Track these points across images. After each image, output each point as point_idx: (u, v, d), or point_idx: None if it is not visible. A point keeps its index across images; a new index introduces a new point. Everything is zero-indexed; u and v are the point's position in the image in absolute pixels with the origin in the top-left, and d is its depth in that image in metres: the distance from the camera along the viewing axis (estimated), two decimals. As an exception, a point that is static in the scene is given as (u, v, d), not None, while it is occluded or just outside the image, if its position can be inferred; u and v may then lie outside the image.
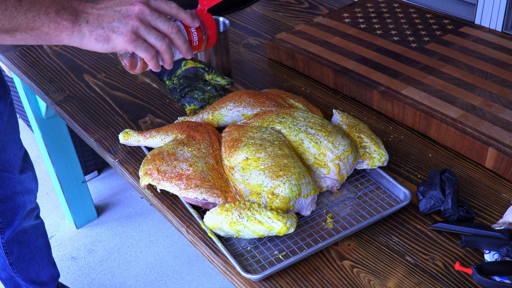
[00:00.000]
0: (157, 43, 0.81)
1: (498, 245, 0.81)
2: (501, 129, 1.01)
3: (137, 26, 0.79)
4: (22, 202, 1.43)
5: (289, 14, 1.63)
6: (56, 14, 0.76)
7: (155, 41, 0.81)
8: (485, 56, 1.25)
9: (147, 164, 0.94)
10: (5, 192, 1.38)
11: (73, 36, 0.78)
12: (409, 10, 1.49)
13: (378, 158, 0.96)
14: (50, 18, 0.76)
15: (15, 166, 1.38)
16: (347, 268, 0.83)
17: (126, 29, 0.79)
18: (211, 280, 1.90)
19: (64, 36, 0.78)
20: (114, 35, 0.79)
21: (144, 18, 0.80)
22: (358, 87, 1.19)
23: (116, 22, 0.79)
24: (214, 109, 1.09)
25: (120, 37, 0.79)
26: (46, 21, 0.76)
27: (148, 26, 0.80)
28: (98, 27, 0.78)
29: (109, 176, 2.39)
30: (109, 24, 0.79)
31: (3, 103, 1.30)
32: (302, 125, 0.97)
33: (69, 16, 0.77)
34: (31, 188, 1.46)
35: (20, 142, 1.42)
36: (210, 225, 0.86)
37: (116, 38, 0.79)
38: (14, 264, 1.50)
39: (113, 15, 0.79)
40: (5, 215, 1.41)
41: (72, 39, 0.79)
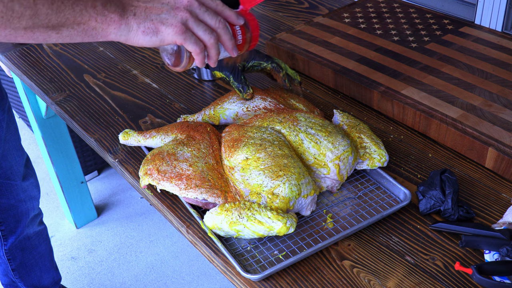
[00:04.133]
0: (206, 36, 0.79)
1: (498, 245, 0.81)
2: (501, 129, 1.01)
3: (186, 18, 0.77)
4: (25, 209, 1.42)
5: (289, 14, 1.63)
6: (103, 7, 0.74)
7: (203, 35, 0.79)
8: (485, 56, 1.25)
9: (147, 164, 0.94)
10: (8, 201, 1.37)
11: (120, 30, 0.76)
12: (409, 10, 1.49)
13: (378, 158, 0.96)
14: (97, 11, 0.74)
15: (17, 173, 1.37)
16: (347, 268, 0.83)
17: (175, 21, 0.77)
18: (211, 280, 1.90)
19: (111, 30, 0.76)
20: (163, 27, 0.76)
21: (193, 11, 0.78)
22: (358, 87, 1.19)
23: (165, 14, 0.77)
24: (216, 104, 1.10)
25: (170, 28, 0.76)
26: (93, 15, 0.74)
27: (197, 19, 0.78)
28: (146, 20, 0.76)
29: (109, 176, 2.39)
30: (158, 16, 0.77)
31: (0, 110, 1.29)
32: (302, 125, 0.97)
33: (116, 9, 0.75)
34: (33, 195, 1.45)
35: (21, 148, 1.40)
36: (210, 225, 0.86)
37: (165, 30, 0.77)
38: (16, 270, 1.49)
39: (161, 7, 0.77)
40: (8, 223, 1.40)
41: (119, 33, 0.76)
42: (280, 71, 1.09)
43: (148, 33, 0.77)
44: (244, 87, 1.05)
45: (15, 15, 0.69)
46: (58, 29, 0.73)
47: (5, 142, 1.32)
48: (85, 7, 0.73)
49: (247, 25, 0.87)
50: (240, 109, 1.08)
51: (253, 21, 0.88)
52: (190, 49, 0.79)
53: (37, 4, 0.69)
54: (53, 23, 0.72)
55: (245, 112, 1.08)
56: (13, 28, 0.70)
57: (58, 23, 0.72)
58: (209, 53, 0.81)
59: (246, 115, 1.08)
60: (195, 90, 1.29)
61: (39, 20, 0.70)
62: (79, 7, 0.72)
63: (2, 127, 1.30)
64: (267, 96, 1.08)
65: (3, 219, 1.38)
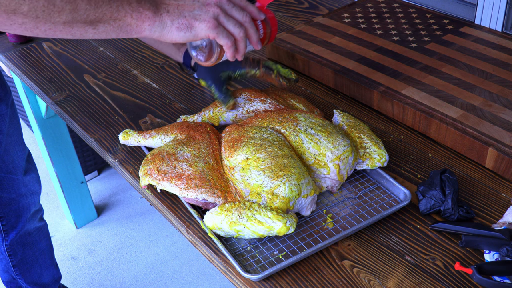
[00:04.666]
0: (236, 30, 0.83)
1: (498, 245, 0.81)
2: (501, 129, 1.01)
3: (217, 13, 0.81)
4: (27, 204, 1.43)
5: (289, 14, 1.63)
6: (138, 4, 0.78)
7: (233, 29, 0.83)
8: (485, 56, 1.25)
9: (147, 164, 0.94)
10: (10, 195, 1.38)
11: (154, 26, 0.79)
12: (409, 10, 1.49)
13: (378, 158, 0.96)
14: (133, 8, 0.77)
15: (19, 168, 1.38)
16: (347, 268, 0.83)
17: (208, 16, 0.80)
18: (211, 280, 1.90)
19: (145, 27, 0.79)
20: (197, 23, 0.80)
21: (222, 6, 0.82)
22: (358, 87, 1.19)
23: (197, 10, 0.81)
24: (215, 106, 1.10)
25: (203, 23, 0.80)
26: (129, 11, 0.77)
27: (227, 14, 0.82)
28: (179, 16, 0.80)
29: (109, 176, 2.39)
30: (191, 13, 0.80)
31: (4, 104, 1.30)
32: (302, 125, 0.97)
33: (150, 6, 0.79)
34: (35, 189, 1.46)
35: (23, 143, 1.41)
36: (210, 225, 0.86)
37: (199, 25, 0.80)
38: (17, 266, 1.49)
39: (193, 4, 0.81)
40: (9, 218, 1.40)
41: (153, 29, 0.80)
42: (271, 73, 1.10)
43: (182, 29, 0.80)
44: (225, 97, 1.07)
45: (56, 10, 0.71)
46: (95, 25, 0.76)
47: (7, 136, 1.33)
48: (121, 4, 0.76)
49: (267, 20, 0.91)
50: (239, 112, 1.08)
51: (272, 17, 0.92)
52: (222, 43, 0.83)
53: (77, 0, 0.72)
54: (91, 18, 0.75)
55: (244, 115, 1.08)
56: (53, 23, 0.72)
57: (95, 18, 0.75)
58: (238, 46, 0.85)
59: (246, 117, 1.08)
60: (195, 90, 1.29)
61: (78, 15, 0.73)
62: (115, 3, 0.76)
63: (5, 121, 1.31)
64: (267, 98, 1.08)
65: (4, 214, 1.39)
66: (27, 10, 0.70)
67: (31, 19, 0.71)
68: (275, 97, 1.10)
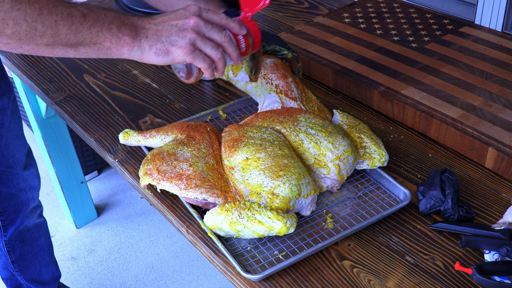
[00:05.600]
0: (213, 52, 0.85)
1: (498, 245, 0.81)
2: (501, 129, 1.01)
3: (194, 38, 0.83)
4: (26, 199, 1.43)
5: (289, 14, 1.63)
6: (117, 29, 0.80)
7: (210, 51, 0.84)
8: (485, 56, 1.25)
9: (147, 164, 0.94)
10: (9, 190, 1.38)
11: (133, 51, 0.82)
12: (409, 10, 1.49)
13: (378, 158, 0.96)
14: (112, 34, 0.80)
15: (19, 162, 1.39)
16: (347, 268, 0.83)
17: (184, 42, 0.82)
18: (211, 280, 1.90)
19: (124, 51, 0.82)
20: (174, 48, 0.82)
21: (199, 30, 0.84)
22: (358, 87, 1.19)
23: (174, 36, 0.82)
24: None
25: (179, 50, 0.82)
26: (108, 36, 0.80)
27: (204, 38, 0.84)
28: (157, 42, 0.82)
29: (109, 176, 2.39)
30: (168, 38, 0.82)
31: (7, 98, 1.31)
32: (302, 125, 0.97)
33: (129, 32, 0.81)
34: (34, 185, 1.46)
35: (23, 138, 1.42)
36: (210, 225, 0.86)
37: (175, 51, 0.82)
38: (16, 262, 1.50)
39: (171, 29, 0.83)
40: (8, 213, 1.41)
41: (133, 53, 0.83)
42: (299, 61, 1.12)
43: (160, 54, 0.83)
44: (256, 70, 1.07)
45: (38, 34, 0.75)
46: (76, 47, 0.79)
47: (8, 130, 1.33)
48: (101, 29, 0.79)
49: (249, 32, 0.91)
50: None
51: (254, 27, 0.92)
52: (199, 66, 0.85)
53: (58, 25, 0.76)
54: (72, 42, 0.79)
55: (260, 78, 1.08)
56: (35, 44, 0.77)
57: (76, 42, 0.79)
58: (217, 66, 0.87)
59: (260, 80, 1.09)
60: (195, 90, 1.29)
61: (59, 38, 0.77)
62: (96, 28, 0.79)
63: (7, 115, 1.31)
64: (289, 77, 1.08)
65: (3, 209, 1.39)
66: (11, 33, 0.74)
67: (14, 41, 0.75)
68: (297, 81, 1.09)
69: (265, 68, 1.08)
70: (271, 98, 1.06)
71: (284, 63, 1.11)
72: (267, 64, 1.09)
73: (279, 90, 1.06)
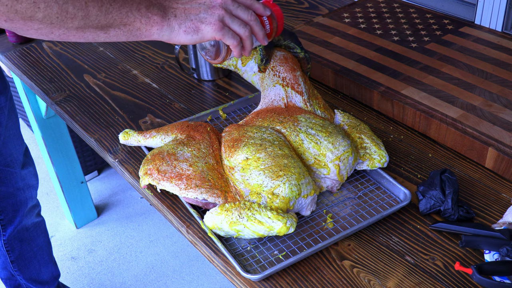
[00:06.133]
0: (241, 30, 0.85)
1: (498, 245, 0.81)
2: (501, 129, 1.01)
3: (222, 15, 0.83)
4: (24, 198, 1.44)
5: (289, 14, 1.63)
6: (146, 9, 0.80)
7: (239, 28, 0.85)
8: (485, 56, 1.25)
9: (147, 164, 0.94)
10: (7, 189, 1.38)
11: (162, 30, 0.82)
12: (409, 10, 1.49)
13: (378, 159, 0.96)
14: (141, 14, 0.80)
15: (16, 161, 1.39)
16: (347, 268, 0.83)
17: (213, 19, 0.83)
18: (211, 280, 1.90)
19: (154, 31, 0.82)
20: (203, 26, 0.82)
21: (227, 8, 0.84)
22: (358, 87, 1.19)
23: (203, 13, 0.83)
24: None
25: (209, 26, 0.82)
26: (138, 17, 0.80)
27: (231, 15, 0.84)
28: (186, 20, 0.82)
29: (109, 176, 2.39)
30: (197, 16, 0.83)
31: (3, 97, 1.31)
32: (302, 125, 0.97)
33: (158, 11, 0.81)
34: (32, 183, 1.46)
35: (21, 137, 1.42)
36: (210, 225, 0.86)
37: (205, 28, 0.83)
38: (15, 262, 1.50)
39: (199, 7, 0.83)
40: (6, 212, 1.41)
41: (162, 33, 0.82)
42: (309, 62, 1.13)
43: (189, 32, 0.83)
44: (267, 59, 1.08)
45: (69, 16, 0.75)
46: (106, 29, 0.79)
47: (6, 129, 1.33)
48: (131, 10, 0.79)
49: (273, 15, 0.92)
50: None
51: (277, 10, 0.93)
52: (228, 43, 0.85)
53: (88, 6, 0.75)
54: (102, 24, 0.78)
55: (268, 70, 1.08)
56: (66, 28, 0.76)
57: (106, 23, 0.78)
58: (245, 45, 0.87)
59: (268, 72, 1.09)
60: (195, 90, 1.29)
61: (89, 21, 0.77)
62: (125, 9, 0.79)
63: (4, 114, 1.32)
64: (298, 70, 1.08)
65: (2, 208, 1.39)
66: (42, 17, 0.73)
67: (46, 25, 0.74)
68: (305, 77, 1.09)
69: (274, 60, 1.08)
70: (275, 91, 1.05)
71: (294, 58, 1.11)
72: (276, 57, 1.09)
73: (285, 83, 1.05)
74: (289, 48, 1.12)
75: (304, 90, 1.05)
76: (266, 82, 1.08)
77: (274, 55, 1.09)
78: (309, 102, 1.05)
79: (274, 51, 1.10)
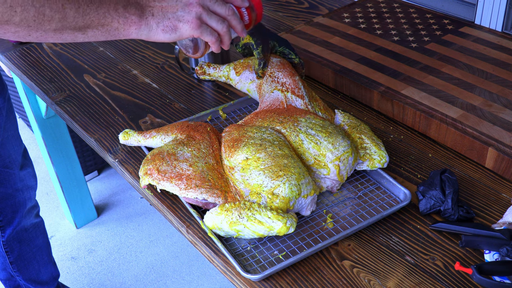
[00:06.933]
0: (218, 26, 0.85)
1: (498, 245, 0.81)
2: (501, 129, 1.01)
3: (200, 12, 0.83)
4: (22, 199, 1.44)
5: (289, 14, 1.63)
6: (124, 9, 0.80)
7: (216, 25, 0.85)
8: (485, 56, 1.25)
9: (147, 164, 0.94)
10: (6, 190, 1.38)
11: (141, 30, 0.82)
12: (409, 10, 1.49)
13: (379, 159, 0.96)
14: (119, 14, 0.80)
15: (15, 162, 1.39)
16: (347, 268, 0.83)
17: (191, 17, 0.83)
18: (211, 280, 1.90)
19: (132, 30, 0.82)
20: (181, 24, 0.83)
21: (204, 4, 0.84)
22: (358, 87, 1.19)
23: (180, 12, 0.83)
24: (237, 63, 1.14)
25: (187, 25, 0.83)
26: (115, 17, 0.80)
27: (209, 11, 0.84)
28: (164, 19, 0.82)
29: (109, 176, 2.39)
30: (174, 14, 0.83)
31: (2, 98, 1.31)
32: (302, 125, 0.97)
33: (136, 11, 0.81)
34: (31, 184, 1.46)
35: (19, 138, 1.42)
36: (210, 225, 0.86)
37: (182, 26, 0.83)
38: (14, 263, 1.50)
39: (176, 5, 0.83)
40: (5, 213, 1.41)
41: (140, 32, 0.82)
42: (304, 67, 1.14)
43: (167, 31, 0.83)
44: (265, 63, 1.08)
45: (46, 19, 0.75)
46: (84, 30, 0.79)
47: (4, 131, 1.33)
48: (108, 10, 0.79)
49: (252, 5, 0.92)
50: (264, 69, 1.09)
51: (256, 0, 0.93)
52: (206, 40, 0.86)
53: (66, 9, 0.75)
54: (80, 25, 0.78)
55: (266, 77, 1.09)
56: (43, 30, 0.76)
57: (84, 25, 0.78)
58: (223, 40, 0.88)
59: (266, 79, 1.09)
60: (195, 90, 1.29)
61: (67, 22, 0.77)
62: (102, 10, 0.79)
63: (2, 115, 1.32)
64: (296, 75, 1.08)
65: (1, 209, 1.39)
66: (19, 20, 0.73)
67: (23, 28, 0.74)
68: (303, 81, 1.09)
69: (272, 67, 1.08)
70: (274, 97, 1.06)
71: (290, 63, 1.12)
72: (273, 63, 1.09)
73: (285, 88, 1.06)
74: (283, 54, 1.13)
75: (305, 94, 1.06)
76: (264, 89, 1.08)
77: (271, 62, 1.09)
78: (310, 105, 1.05)
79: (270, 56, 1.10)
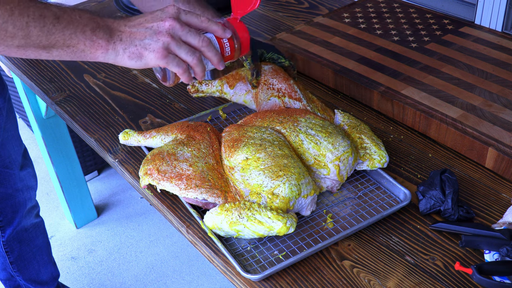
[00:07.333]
0: (188, 57, 0.82)
1: (498, 245, 0.81)
2: (501, 129, 1.01)
3: (168, 42, 0.80)
4: (23, 199, 1.44)
5: (289, 14, 1.63)
6: (92, 32, 0.78)
7: (185, 56, 0.82)
8: (485, 56, 1.25)
9: (147, 164, 0.94)
10: (6, 190, 1.38)
11: (108, 54, 0.81)
12: (409, 10, 1.49)
13: (379, 159, 0.96)
14: (86, 36, 0.78)
15: (15, 163, 1.39)
16: (347, 268, 0.83)
17: (157, 46, 0.80)
18: (211, 280, 1.90)
19: (99, 54, 0.80)
20: (146, 52, 0.80)
21: (175, 34, 0.81)
22: (358, 87, 1.19)
23: (148, 39, 0.80)
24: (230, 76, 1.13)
25: (152, 54, 0.80)
26: (82, 39, 0.78)
27: (179, 41, 0.81)
28: (131, 45, 0.80)
29: (109, 176, 2.39)
30: (141, 42, 0.80)
31: (2, 98, 1.31)
32: (302, 125, 0.97)
33: (104, 35, 0.79)
34: (31, 185, 1.47)
35: (19, 138, 1.42)
36: (210, 225, 0.86)
37: (148, 55, 0.80)
38: (14, 263, 1.50)
39: (145, 32, 0.81)
40: (5, 213, 1.41)
41: (107, 56, 0.81)
42: (295, 69, 1.13)
43: (133, 57, 0.81)
44: (258, 72, 1.06)
45: (8, 35, 0.74)
46: (49, 49, 0.78)
47: (4, 131, 1.33)
48: (75, 32, 0.77)
49: (236, 35, 0.89)
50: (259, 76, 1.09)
51: (242, 29, 0.89)
52: (173, 70, 0.83)
53: (29, 27, 0.74)
54: (44, 44, 0.77)
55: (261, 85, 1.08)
56: (6, 46, 0.75)
57: (48, 44, 0.77)
58: (194, 71, 0.85)
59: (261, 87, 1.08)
60: (195, 90, 1.29)
61: (30, 40, 0.76)
62: (69, 31, 0.77)
63: (3, 115, 1.32)
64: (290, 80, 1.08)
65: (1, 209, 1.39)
66: None
67: None
68: (297, 84, 1.09)
69: (265, 74, 1.08)
70: (272, 104, 1.05)
71: (281, 68, 1.11)
72: (266, 71, 1.08)
73: (281, 94, 1.05)
74: (273, 60, 1.11)
75: (302, 96, 1.06)
76: (261, 97, 1.07)
77: (263, 70, 1.09)
78: (309, 107, 1.05)
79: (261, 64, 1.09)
